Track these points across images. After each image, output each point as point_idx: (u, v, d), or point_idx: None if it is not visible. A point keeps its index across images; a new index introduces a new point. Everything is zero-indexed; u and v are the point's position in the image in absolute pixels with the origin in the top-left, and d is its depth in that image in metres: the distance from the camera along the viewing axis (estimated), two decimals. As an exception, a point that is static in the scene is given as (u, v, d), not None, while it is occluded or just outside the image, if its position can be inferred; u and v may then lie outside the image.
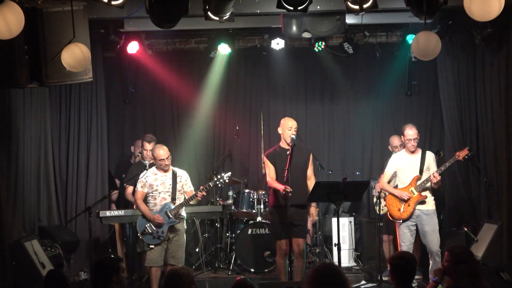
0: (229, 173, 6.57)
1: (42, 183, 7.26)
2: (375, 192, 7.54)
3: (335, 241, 6.78)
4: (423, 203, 6.37)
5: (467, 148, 6.71)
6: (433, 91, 8.37)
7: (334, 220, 6.97)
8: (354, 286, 7.00)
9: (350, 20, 6.92)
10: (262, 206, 7.68)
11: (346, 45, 7.88)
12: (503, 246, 6.52)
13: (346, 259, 7.71)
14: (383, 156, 8.14)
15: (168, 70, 8.65)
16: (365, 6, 5.21)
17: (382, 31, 8.21)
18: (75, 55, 4.71)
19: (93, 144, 7.82)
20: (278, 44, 7.88)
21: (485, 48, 7.00)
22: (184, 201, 6.37)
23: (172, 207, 6.29)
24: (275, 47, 7.93)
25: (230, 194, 8.00)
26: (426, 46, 4.58)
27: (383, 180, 6.68)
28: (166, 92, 8.78)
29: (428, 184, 6.37)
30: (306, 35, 6.93)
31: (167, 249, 6.37)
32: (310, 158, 6.47)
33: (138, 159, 7.81)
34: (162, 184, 6.38)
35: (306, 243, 7.00)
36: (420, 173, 6.43)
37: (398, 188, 6.58)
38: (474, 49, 7.38)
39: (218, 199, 7.86)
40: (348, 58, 8.17)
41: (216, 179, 6.43)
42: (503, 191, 6.67)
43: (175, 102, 8.77)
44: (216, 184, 6.58)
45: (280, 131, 6.39)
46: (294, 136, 6.20)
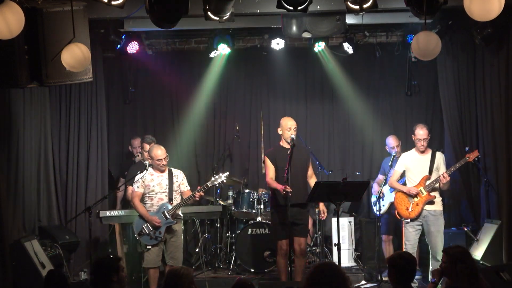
0: (226, 173, 6.57)
1: (42, 183, 7.26)
2: (374, 192, 7.54)
3: (335, 241, 6.77)
4: (432, 203, 6.40)
5: (477, 150, 6.71)
6: (433, 91, 8.37)
7: (334, 220, 6.97)
8: (354, 286, 7.00)
9: (350, 20, 6.93)
10: (262, 206, 7.68)
11: (346, 45, 7.88)
12: (503, 246, 6.52)
13: (346, 259, 7.70)
14: (383, 156, 8.13)
15: (168, 70, 8.66)
16: (365, 6, 5.21)
17: (382, 31, 8.21)
18: (75, 55, 4.72)
19: (93, 144, 7.82)
20: (278, 44, 7.87)
21: (485, 48, 7.00)
22: (181, 201, 6.35)
23: (170, 207, 6.28)
24: (275, 47, 7.93)
25: (230, 194, 7.99)
26: (426, 46, 4.58)
27: (393, 179, 6.72)
28: (166, 92, 8.78)
29: (437, 184, 6.39)
30: (306, 35, 6.93)
31: (165, 250, 6.36)
32: (309, 158, 6.48)
33: (139, 159, 7.82)
34: (158, 185, 6.36)
35: (306, 242, 7.00)
36: (430, 173, 6.44)
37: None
38: (474, 49, 7.38)
39: (218, 199, 7.86)
40: (348, 58, 8.17)
41: (213, 179, 6.42)
42: (503, 191, 6.67)
43: (175, 102, 8.77)
44: (214, 185, 6.56)
45: (280, 131, 6.39)
46: (293, 136, 6.20)
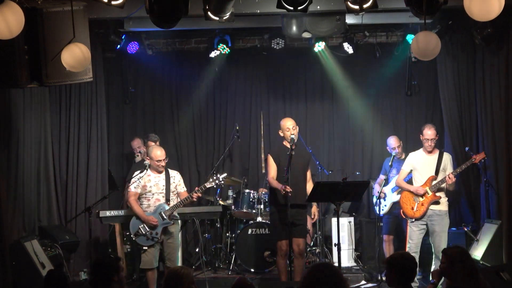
0: (224, 174, 6.56)
1: (42, 183, 7.26)
2: (375, 192, 7.54)
3: (335, 241, 6.78)
4: (437, 203, 6.41)
5: (484, 152, 6.70)
6: (433, 91, 8.37)
7: (334, 220, 6.98)
8: (354, 286, 7.01)
9: (350, 20, 6.93)
10: (262, 206, 7.67)
11: (346, 45, 7.88)
12: (503, 246, 6.52)
13: (346, 259, 7.70)
14: (383, 156, 8.13)
15: (168, 70, 8.66)
16: (365, 6, 5.20)
17: (382, 31, 8.21)
18: (75, 55, 4.71)
19: (93, 144, 7.82)
20: (278, 44, 7.88)
21: (485, 48, 7.00)
22: (179, 202, 6.34)
23: (166, 208, 6.26)
24: (275, 47, 7.93)
25: (230, 194, 7.99)
26: (426, 46, 4.58)
27: (400, 178, 6.73)
28: (166, 92, 8.78)
29: (443, 185, 6.40)
30: (306, 35, 6.93)
31: (163, 251, 6.35)
32: (309, 160, 6.48)
33: (138, 159, 7.82)
34: (155, 185, 6.35)
35: (306, 243, 7.00)
36: (436, 173, 6.45)
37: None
38: (474, 49, 7.38)
39: (218, 199, 7.86)
40: (348, 58, 8.17)
41: (211, 180, 6.42)
42: (503, 191, 6.67)
43: (175, 102, 8.76)
44: (212, 186, 6.55)
45: (281, 133, 6.39)
46: (293, 136, 6.20)
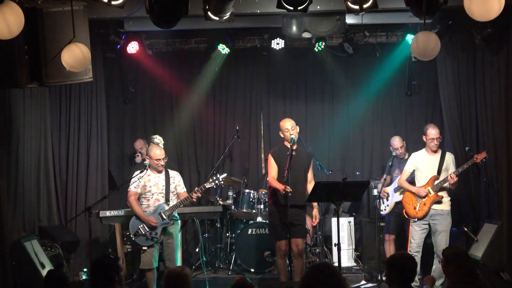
0: (224, 174, 6.56)
1: (42, 183, 7.26)
2: (377, 192, 7.52)
3: (335, 241, 6.77)
4: (439, 203, 6.41)
5: (485, 151, 6.70)
6: (433, 91, 8.37)
7: (334, 220, 6.97)
8: (354, 286, 7.01)
9: (350, 20, 6.93)
10: (262, 206, 7.68)
11: (346, 45, 7.88)
12: (503, 246, 6.52)
13: (345, 259, 7.70)
14: (383, 156, 8.15)
15: (168, 70, 8.65)
16: (365, 6, 5.20)
17: (382, 31, 8.21)
18: (75, 55, 4.72)
19: (93, 144, 7.82)
20: (278, 44, 7.88)
21: (485, 48, 7.00)
22: (178, 202, 6.33)
23: (166, 208, 6.26)
24: (275, 47, 7.93)
25: (230, 194, 7.99)
26: (426, 46, 4.58)
27: (402, 178, 6.73)
28: (166, 92, 8.77)
29: (445, 184, 6.40)
30: (306, 35, 6.93)
31: (162, 251, 6.35)
32: (311, 162, 6.49)
33: (139, 159, 7.82)
34: (155, 185, 6.35)
35: (306, 243, 7.01)
36: (438, 173, 6.45)
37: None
38: (474, 49, 7.38)
39: (218, 199, 7.86)
40: (348, 58, 8.17)
41: (211, 181, 6.42)
42: (503, 191, 6.67)
43: (175, 102, 8.76)
44: (212, 186, 6.56)
45: (281, 134, 6.39)
46: (293, 136, 6.20)
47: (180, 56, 8.65)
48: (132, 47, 7.88)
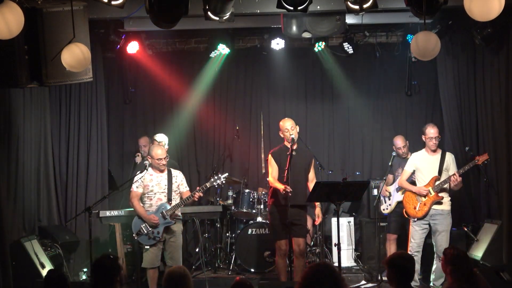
0: (226, 174, 6.56)
1: (42, 183, 7.26)
2: (377, 192, 7.50)
3: (335, 241, 6.77)
4: (439, 203, 6.41)
5: (487, 153, 6.69)
6: (433, 91, 8.37)
7: (334, 220, 6.97)
8: (354, 286, 7.01)
9: (350, 20, 6.93)
10: (262, 206, 7.68)
11: (346, 45, 7.88)
12: (503, 246, 6.52)
13: (345, 259, 7.70)
14: (383, 156, 8.14)
15: (168, 70, 8.65)
16: (365, 6, 5.21)
17: (382, 31, 8.22)
18: (75, 55, 4.72)
19: (93, 144, 7.82)
20: (278, 44, 7.88)
21: (485, 48, 7.00)
22: (180, 201, 6.35)
23: (168, 207, 6.27)
24: (275, 47, 7.93)
25: (230, 194, 7.99)
26: (426, 46, 4.58)
27: (402, 178, 6.73)
28: (166, 92, 8.78)
29: (446, 185, 6.39)
30: (306, 35, 6.93)
31: (164, 250, 6.35)
32: (312, 161, 6.48)
33: (139, 159, 7.82)
34: (157, 185, 6.36)
35: (306, 243, 7.00)
36: (439, 173, 6.44)
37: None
38: (474, 49, 7.38)
39: (218, 199, 7.86)
40: (348, 58, 8.18)
41: (213, 180, 6.42)
42: (503, 191, 6.67)
43: (175, 102, 8.76)
44: (213, 185, 6.56)
45: (281, 134, 6.38)
46: (294, 136, 6.20)
47: (180, 56, 8.66)
48: (132, 47, 7.88)
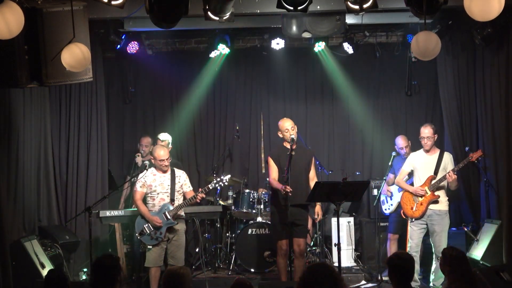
0: (228, 175, 6.57)
1: (42, 183, 7.25)
2: (383, 191, 7.46)
3: (335, 241, 6.77)
4: (436, 202, 6.41)
5: (480, 150, 6.70)
6: (433, 91, 8.37)
7: (334, 220, 6.97)
8: (354, 286, 7.01)
9: (350, 20, 6.93)
10: (262, 206, 7.68)
11: (346, 45, 7.88)
12: (503, 246, 6.52)
13: (345, 259, 7.70)
14: (383, 156, 8.14)
15: (168, 70, 8.65)
16: (365, 6, 5.20)
17: (382, 31, 8.21)
18: (75, 55, 4.72)
19: (93, 144, 7.82)
20: (278, 44, 7.88)
21: (485, 48, 7.00)
22: (183, 202, 6.36)
23: (171, 208, 6.28)
24: (275, 47, 7.93)
25: (230, 194, 7.99)
26: (426, 46, 4.58)
27: (400, 177, 6.75)
28: (166, 92, 8.78)
29: (442, 183, 6.40)
30: (306, 35, 6.93)
31: (166, 249, 6.36)
32: (312, 159, 6.48)
33: (139, 159, 7.80)
34: (160, 185, 6.37)
35: (306, 243, 7.00)
36: (435, 173, 6.44)
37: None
38: (474, 49, 7.38)
39: (218, 199, 7.86)
40: (348, 58, 8.17)
41: (215, 182, 6.43)
42: (503, 191, 6.67)
43: (175, 102, 8.76)
44: (216, 187, 6.57)
45: (280, 134, 6.38)
46: (293, 136, 6.21)
47: (180, 56, 8.65)
48: (132, 47, 7.88)
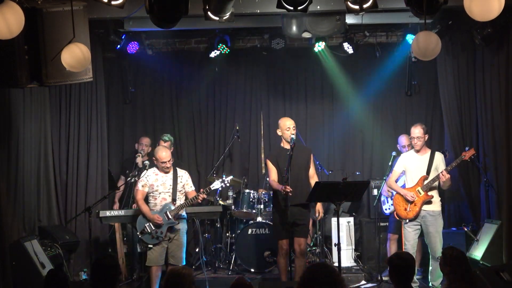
0: (230, 176, 6.58)
1: (42, 183, 7.25)
2: (383, 191, 7.46)
3: (335, 241, 6.77)
4: (429, 203, 6.39)
5: (473, 148, 6.70)
6: (433, 91, 8.36)
7: (334, 220, 6.97)
8: (354, 286, 7.01)
9: (350, 20, 6.93)
10: (262, 206, 7.67)
11: (346, 45, 7.88)
12: (503, 246, 6.52)
13: (345, 259, 7.70)
14: (383, 156, 8.13)
15: (168, 70, 8.65)
16: (365, 6, 5.20)
17: (382, 31, 8.22)
18: (75, 55, 4.71)
19: (93, 144, 7.82)
20: (278, 44, 7.88)
21: (485, 48, 7.00)
22: (184, 202, 6.37)
23: (172, 208, 6.29)
24: (275, 47, 7.93)
25: (230, 194, 7.99)
26: (426, 46, 4.58)
27: (391, 179, 6.71)
28: (166, 92, 8.78)
29: (435, 183, 6.38)
30: (306, 35, 6.94)
31: (167, 248, 6.37)
32: (311, 156, 6.48)
33: (139, 159, 7.80)
34: (162, 185, 6.38)
35: (306, 242, 7.00)
36: (427, 173, 6.43)
37: (406, 188, 6.59)
38: (474, 49, 7.38)
39: (218, 199, 7.86)
40: (348, 58, 8.17)
41: (217, 182, 6.45)
42: (503, 191, 6.67)
43: (175, 102, 8.77)
44: (218, 188, 6.59)
45: (279, 132, 6.38)
46: (293, 136, 6.21)
47: (180, 56, 8.65)
48: (132, 47, 7.89)
